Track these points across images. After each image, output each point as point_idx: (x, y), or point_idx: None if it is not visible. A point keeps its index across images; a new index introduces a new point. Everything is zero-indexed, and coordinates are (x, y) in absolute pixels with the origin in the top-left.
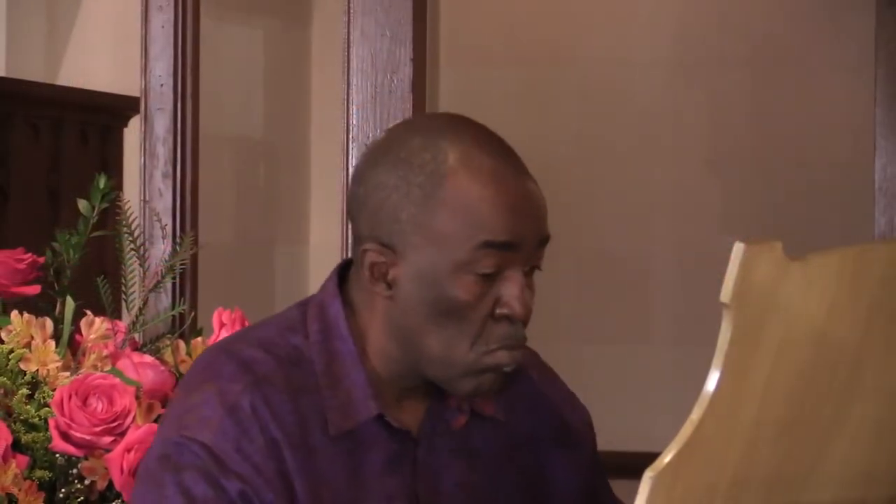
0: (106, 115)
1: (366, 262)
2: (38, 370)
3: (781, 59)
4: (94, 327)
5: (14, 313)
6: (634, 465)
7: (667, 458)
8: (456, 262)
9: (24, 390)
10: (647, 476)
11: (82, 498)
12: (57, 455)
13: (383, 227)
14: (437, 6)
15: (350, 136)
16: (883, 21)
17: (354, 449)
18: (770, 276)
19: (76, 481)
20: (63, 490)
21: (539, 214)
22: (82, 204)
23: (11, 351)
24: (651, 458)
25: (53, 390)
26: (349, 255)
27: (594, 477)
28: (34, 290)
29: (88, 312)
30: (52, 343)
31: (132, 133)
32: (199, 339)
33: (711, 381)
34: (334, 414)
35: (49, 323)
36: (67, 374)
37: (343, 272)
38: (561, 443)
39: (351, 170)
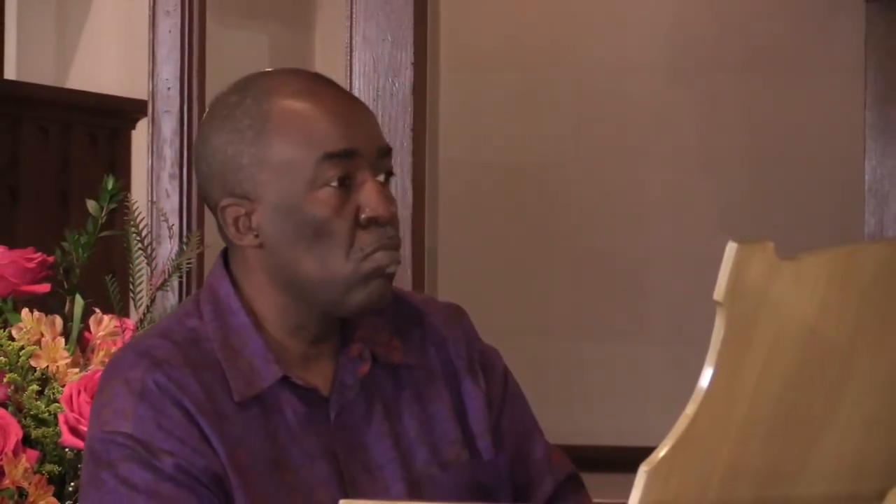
0: (114, 117)
1: (228, 219)
2: (47, 367)
3: (774, 62)
4: (103, 325)
5: (24, 311)
6: (630, 459)
7: (661, 452)
8: (305, 181)
9: (34, 386)
10: (643, 470)
11: None
12: (66, 449)
13: (232, 181)
14: (437, 11)
15: None
16: (873, 25)
17: (265, 413)
18: (762, 275)
19: None
20: (72, 484)
21: (369, 122)
22: (91, 204)
23: (22, 348)
24: (646, 452)
25: (63, 386)
26: None
27: (495, 402)
28: (44, 288)
29: (97, 310)
30: (62, 340)
31: (140, 135)
32: None
33: (705, 378)
34: (237, 382)
35: (58, 320)
36: (76, 370)
37: (226, 259)
38: (469, 376)
39: None
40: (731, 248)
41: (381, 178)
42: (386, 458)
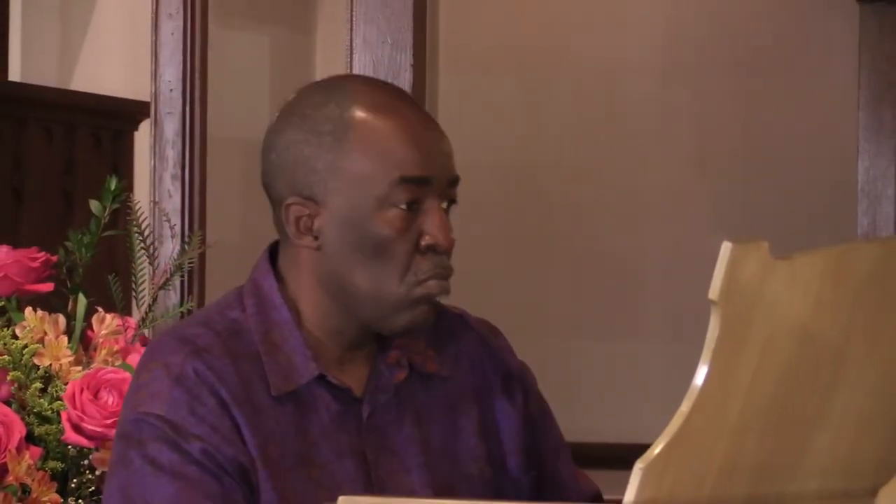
0: (117, 119)
1: (290, 217)
2: (51, 365)
3: (768, 64)
4: (106, 323)
5: (28, 310)
6: (625, 456)
7: (657, 449)
8: (376, 199)
9: (38, 384)
10: (638, 467)
11: (93, 488)
12: (69, 447)
13: (302, 181)
14: (436, 15)
15: None
16: (866, 27)
17: (299, 409)
18: (757, 274)
19: (87, 472)
20: (75, 480)
21: (446, 150)
22: (94, 205)
23: (25, 346)
24: (641, 449)
25: (66, 384)
26: None
27: (530, 429)
28: (48, 287)
29: (100, 309)
30: (65, 338)
31: (143, 136)
32: None
33: (700, 376)
34: (275, 377)
35: (62, 319)
36: (79, 368)
37: (272, 253)
38: (503, 394)
39: None
40: (725, 247)
41: (445, 205)
42: (413, 462)
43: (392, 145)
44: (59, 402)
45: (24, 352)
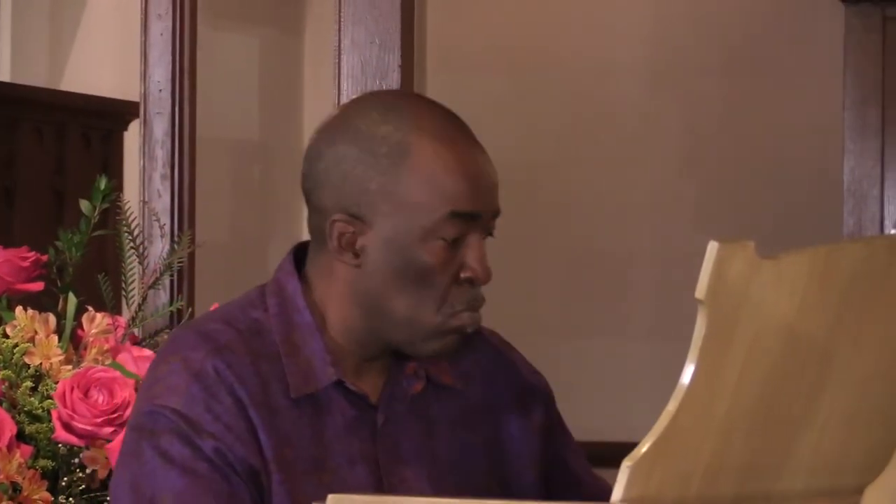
0: (107, 119)
1: (334, 232)
2: (41, 364)
3: (754, 64)
4: (96, 322)
5: (18, 309)
6: (613, 454)
7: (644, 447)
8: (424, 229)
9: (28, 383)
10: (625, 465)
11: (84, 486)
12: (59, 445)
13: (350, 198)
14: (424, 16)
15: None
16: (851, 28)
17: (315, 412)
18: (743, 273)
19: (78, 470)
20: (65, 479)
21: (494, 185)
22: (84, 204)
23: (16, 345)
24: (629, 447)
25: (56, 383)
26: None
27: (549, 440)
28: (38, 286)
29: (90, 308)
30: (55, 338)
31: (132, 136)
32: None
33: (687, 374)
34: (295, 378)
35: (52, 318)
36: (69, 367)
37: (297, 254)
38: (516, 409)
39: None
40: (712, 247)
41: (484, 235)
42: (423, 473)
43: (447, 178)
44: (50, 400)
45: (14, 351)
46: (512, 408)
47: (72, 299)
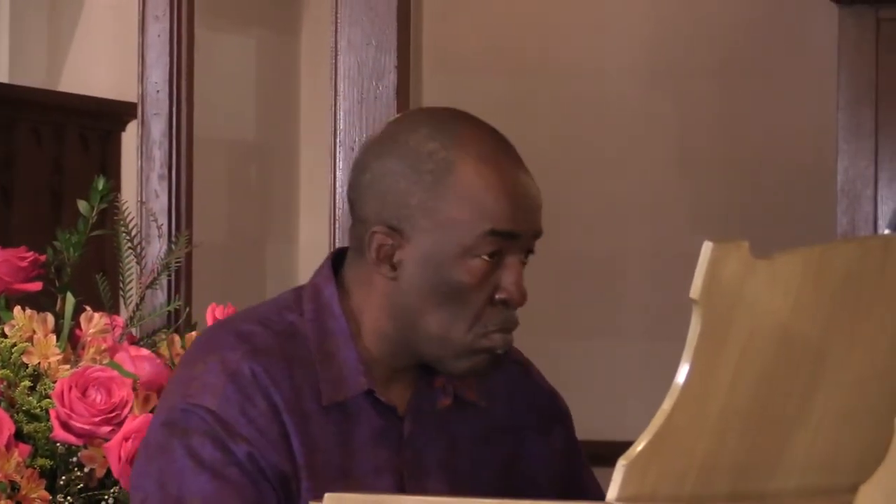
0: (105, 120)
1: (373, 244)
2: (39, 363)
3: (748, 66)
4: (94, 322)
5: (17, 309)
6: (608, 453)
7: (639, 446)
8: (462, 246)
9: (27, 382)
10: (621, 464)
11: (82, 485)
12: (57, 444)
13: (391, 212)
14: (420, 17)
15: (337, 140)
16: (845, 29)
17: (344, 420)
18: (737, 273)
19: (76, 469)
20: (63, 478)
21: (537, 206)
22: (82, 205)
23: (14, 345)
24: (624, 446)
25: (54, 382)
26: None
27: (568, 462)
28: (36, 286)
29: (88, 308)
30: (53, 337)
31: (130, 137)
32: (194, 333)
33: (681, 374)
34: (326, 385)
35: (50, 318)
36: (68, 366)
37: (335, 260)
38: (537, 429)
39: (339, 171)
40: (706, 247)
41: (524, 256)
42: (444, 488)
43: (488, 197)
44: (48, 400)
45: (13, 350)
46: (534, 429)
47: (70, 299)
